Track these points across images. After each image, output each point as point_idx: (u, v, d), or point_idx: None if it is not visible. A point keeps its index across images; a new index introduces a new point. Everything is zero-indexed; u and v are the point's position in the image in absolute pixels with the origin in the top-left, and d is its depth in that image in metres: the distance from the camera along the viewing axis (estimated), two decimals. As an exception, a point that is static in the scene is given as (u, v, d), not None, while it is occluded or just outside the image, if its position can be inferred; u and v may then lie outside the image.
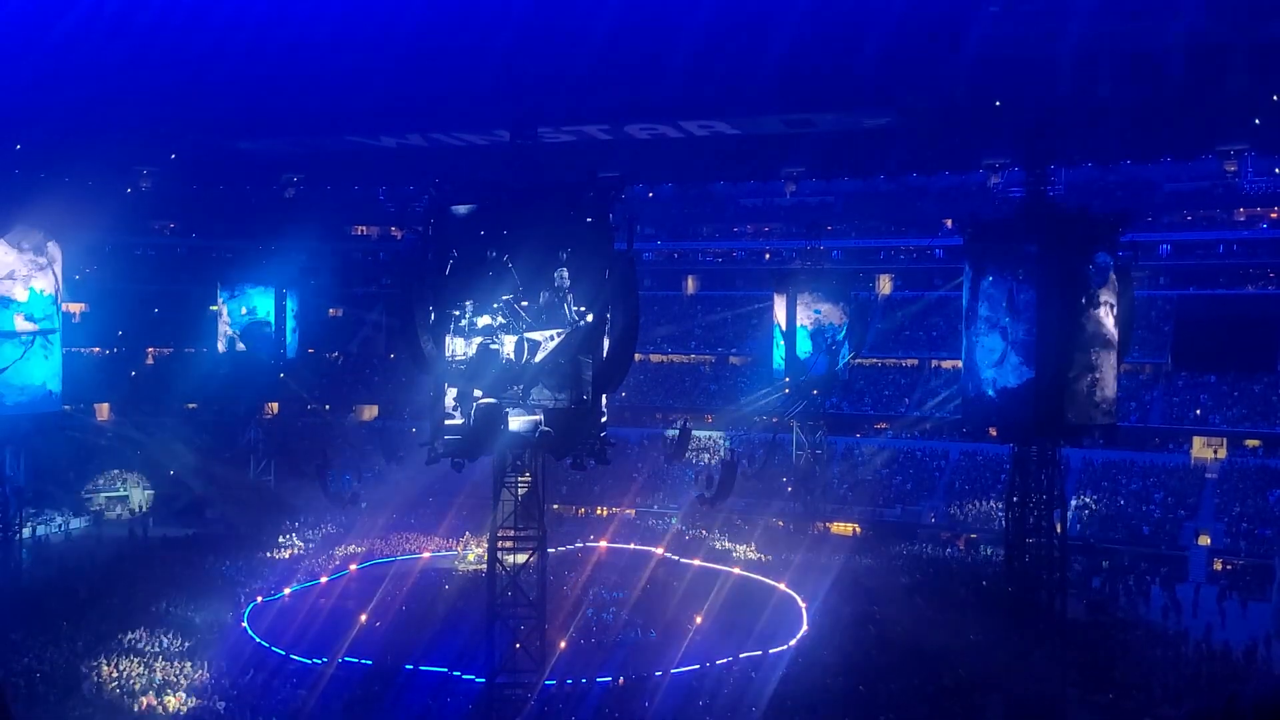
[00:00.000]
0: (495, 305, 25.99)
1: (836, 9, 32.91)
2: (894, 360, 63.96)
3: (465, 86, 37.64)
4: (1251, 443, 54.26)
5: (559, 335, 25.82)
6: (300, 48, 34.02)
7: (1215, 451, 54.35)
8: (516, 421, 25.84)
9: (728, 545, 49.35)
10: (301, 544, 48.15)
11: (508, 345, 26.13)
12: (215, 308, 55.48)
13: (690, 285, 71.00)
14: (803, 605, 40.87)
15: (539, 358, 25.87)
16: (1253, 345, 54.34)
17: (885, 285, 65.46)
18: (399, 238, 63.67)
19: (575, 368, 26.09)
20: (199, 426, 56.63)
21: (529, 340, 25.97)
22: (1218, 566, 46.88)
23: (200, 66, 35.31)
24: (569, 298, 25.85)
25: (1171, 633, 37.87)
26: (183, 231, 61.56)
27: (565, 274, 25.78)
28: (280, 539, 48.60)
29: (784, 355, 52.84)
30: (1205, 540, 47.86)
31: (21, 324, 36.86)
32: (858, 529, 53.53)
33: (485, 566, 28.50)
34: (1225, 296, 57.85)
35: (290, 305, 54.82)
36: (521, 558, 27.51)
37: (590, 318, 25.68)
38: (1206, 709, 3.32)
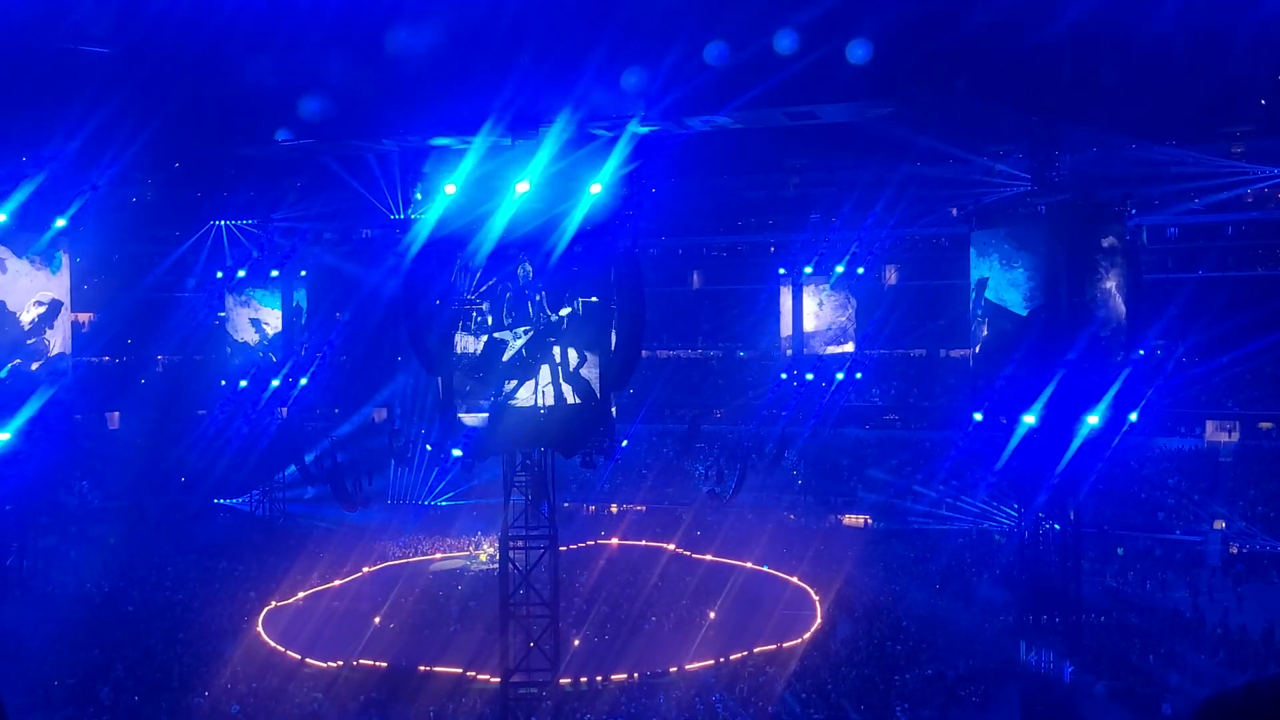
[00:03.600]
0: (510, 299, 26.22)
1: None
2: (902, 351, 63.74)
3: (465, 89, 37.61)
4: (1265, 425, 54.01)
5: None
6: (301, 51, 33.99)
7: (1229, 434, 54.13)
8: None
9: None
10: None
11: (515, 342, 26.27)
12: (223, 314, 55.64)
13: (696, 280, 70.89)
14: (816, 598, 40.84)
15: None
16: (1265, 326, 54.03)
17: (891, 275, 65.26)
18: (404, 239, 63.61)
19: (582, 362, 26.15)
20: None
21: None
22: (1233, 550, 46.65)
23: (200, 72, 35.33)
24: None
25: (1188, 618, 37.74)
26: (188, 238, 61.63)
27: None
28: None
29: (791, 348, 52.77)
30: (1220, 524, 47.64)
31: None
32: (869, 520, 53.41)
33: (497, 566, 28.53)
34: (1235, 278, 57.53)
35: (297, 309, 54.98)
36: (533, 556, 27.55)
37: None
38: (1223, 695, 3.22)
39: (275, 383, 54.24)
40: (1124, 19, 31.49)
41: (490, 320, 26.35)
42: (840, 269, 54.34)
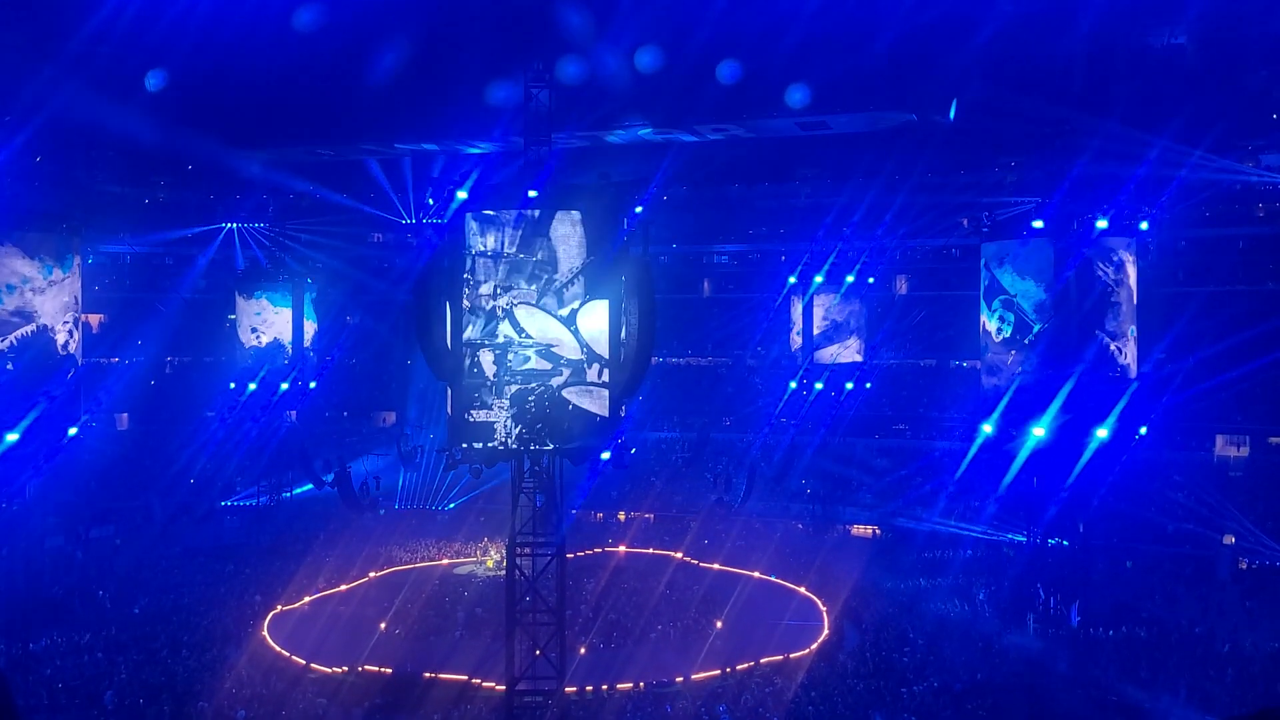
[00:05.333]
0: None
1: (850, 8, 32.87)
2: (911, 361, 63.56)
3: (479, 92, 37.77)
4: (1274, 439, 53.75)
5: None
6: (311, 57, 34.20)
7: (1238, 449, 53.90)
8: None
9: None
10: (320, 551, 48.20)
11: (524, 349, 26.30)
12: (233, 316, 55.79)
13: (706, 288, 70.77)
14: (823, 608, 40.70)
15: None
16: (1274, 341, 53.82)
17: (902, 285, 65.16)
18: (415, 244, 63.76)
19: (593, 369, 26.16)
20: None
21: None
22: (1243, 565, 46.41)
23: (210, 75, 35.53)
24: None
25: (1197, 632, 37.52)
26: (200, 240, 61.85)
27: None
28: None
29: (801, 357, 52.73)
30: (1230, 539, 47.39)
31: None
32: (877, 531, 53.26)
33: (504, 573, 28.46)
34: (1245, 292, 57.31)
35: (308, 312, 55.18)
36: (540, 563, 27.50)
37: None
38: None
39: (284, 385, 54.35)
40: (1138, 31, 31.48)
41: (499, 325, 26.36)
42: (851, 279, 54.35)
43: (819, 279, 53.78)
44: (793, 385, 55.49)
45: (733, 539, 50.15)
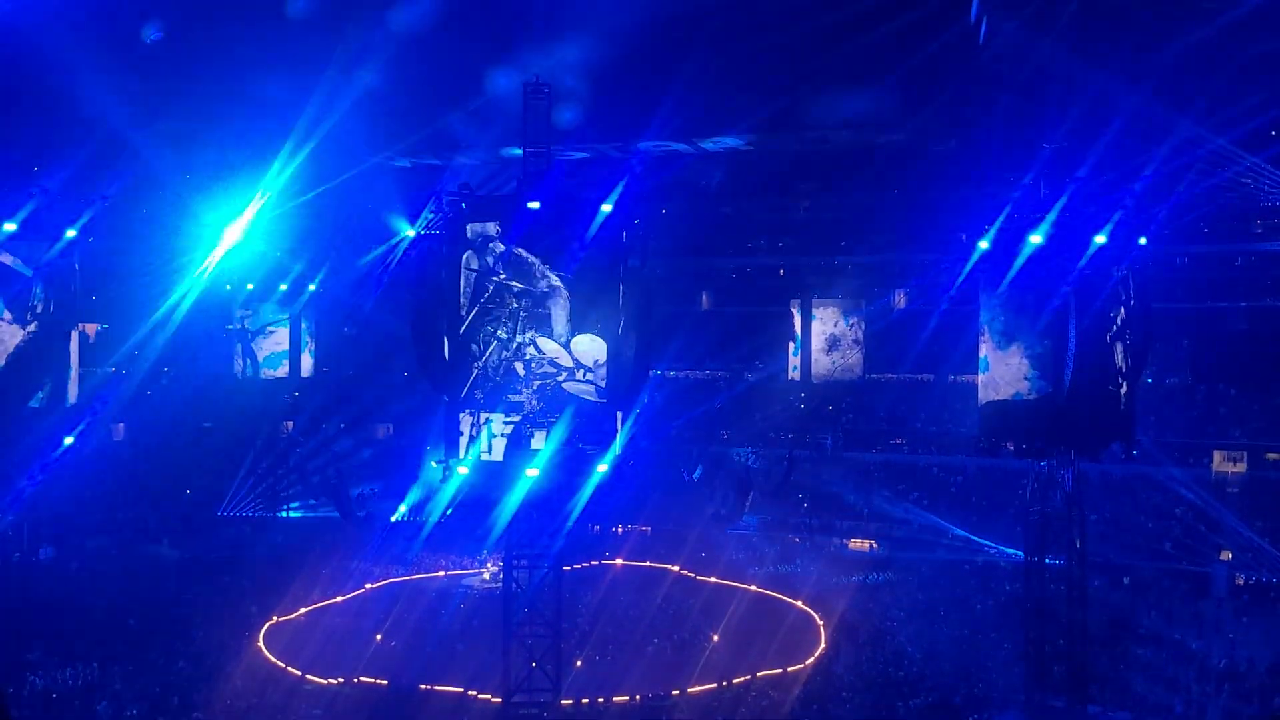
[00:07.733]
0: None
1: (848, 23, 33.03)
2: (909, 375, 63.46)
3: (478, 104, 37.88)
4: (1272, 456, 53.69)
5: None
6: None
7: (1235, 465, 53.86)
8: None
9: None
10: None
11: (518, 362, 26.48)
12: (231, 326, 55.66)
13: (704, 301, 70.64)
14: (820, 622, 40.64)
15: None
16: (1273, 357, 53.85)
17: (900, 300, 65.10)
18: (413, 256, 63.63)
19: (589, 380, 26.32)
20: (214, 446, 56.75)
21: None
22: (1240, 582, 46.37)
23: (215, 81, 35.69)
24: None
25: (1194, 650, 37.45)
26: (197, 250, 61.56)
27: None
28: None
29: (799, 370, 52.74)
30: (1227, 556, 47.36)
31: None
32: (874, 544, 53.20)
33: (501, 585, 28.47)
34: (1245, 309, 57.34)
35: (304, 324, 55.12)
36: (537, 576, 27.52)
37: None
38: None
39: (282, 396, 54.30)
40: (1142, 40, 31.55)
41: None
42: (849, 292, 54.46)
43: (817, 293, 53.89)
44: (790, 397, 55.52)
45: (729, 552, 50.07)
